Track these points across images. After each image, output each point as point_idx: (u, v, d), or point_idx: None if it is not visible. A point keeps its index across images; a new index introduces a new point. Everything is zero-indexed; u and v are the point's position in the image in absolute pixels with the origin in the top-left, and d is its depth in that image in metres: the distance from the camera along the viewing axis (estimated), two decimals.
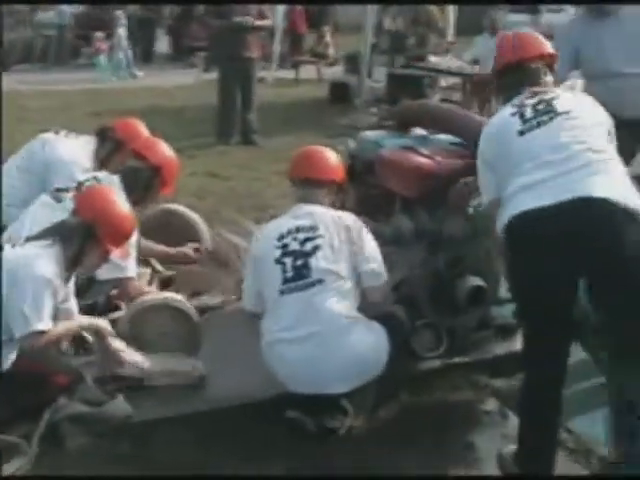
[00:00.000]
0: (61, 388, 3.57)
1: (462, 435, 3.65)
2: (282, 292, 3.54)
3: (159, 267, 4.92)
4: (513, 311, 3.98)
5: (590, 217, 2.97)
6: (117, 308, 4.32)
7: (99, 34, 19.15)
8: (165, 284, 4.80)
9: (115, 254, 3.88)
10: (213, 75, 12.07)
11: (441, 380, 3.99)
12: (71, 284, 3.77)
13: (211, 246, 5.22)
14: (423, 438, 3.58)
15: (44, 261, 3.49)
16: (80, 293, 4.17)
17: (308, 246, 3.56)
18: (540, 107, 3.21)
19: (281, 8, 15.23)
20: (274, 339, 3.55)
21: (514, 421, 3.56)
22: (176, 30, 22.76)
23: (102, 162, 4.99)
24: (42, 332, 3.42)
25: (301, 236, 3.60)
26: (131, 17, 21.01)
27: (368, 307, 3.64)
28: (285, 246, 3.59)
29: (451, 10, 14.51)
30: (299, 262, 3.54)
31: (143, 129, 5.13)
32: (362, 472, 3.37)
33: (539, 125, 3.15)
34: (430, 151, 4.20)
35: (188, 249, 4.97)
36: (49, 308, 3.46)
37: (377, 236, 3.82)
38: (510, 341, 4.19)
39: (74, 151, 5.00)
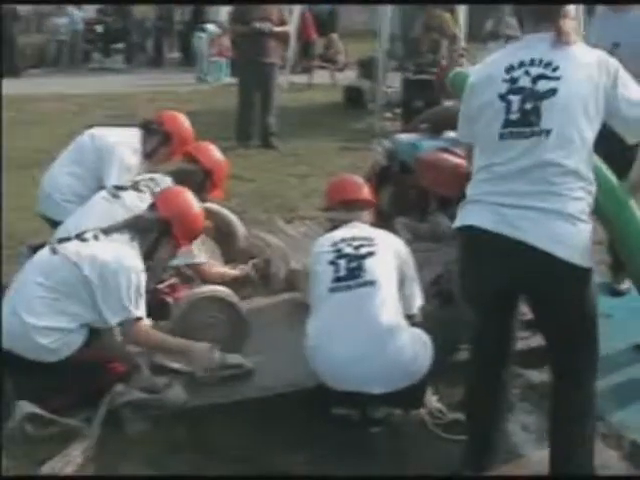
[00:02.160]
0: (119, 375, 3.73)
1: None
2: (332, 290, 3.60)
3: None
4: None
5: (530, 269, 2.95)
6: (163, 302, 4.45)
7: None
8: None
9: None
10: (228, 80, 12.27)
11: None
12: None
13: (246, 244, 5.37)
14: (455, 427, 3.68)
15: (134, 253, 3.78)
16: None
17: (363, 250, 3.65)
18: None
19: (296, 14, 15.40)
20: (320, 336, 3.60)
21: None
22: (186, 36, 22.92)
23: (149, 154, 5.15)
24: (139, 318, 3.72)
25: (356, 243, 3.70)
26: (144, 23, 21.23)
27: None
28: (339, 250, 3.68)
29: (462, 15, 14.68)
30: (353, 264, 3.61)
31: (187, 122, 5.31)
32: (400, 459, 3.49)
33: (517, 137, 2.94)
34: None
35: (249, 269, 5.03)
36: (143, 297, 3.74)
37: (413, 233, 3.98)
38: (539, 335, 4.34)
39: (122, 137, 5.14)
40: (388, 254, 3.69)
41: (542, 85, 2.88)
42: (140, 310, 3.73)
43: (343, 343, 3.51)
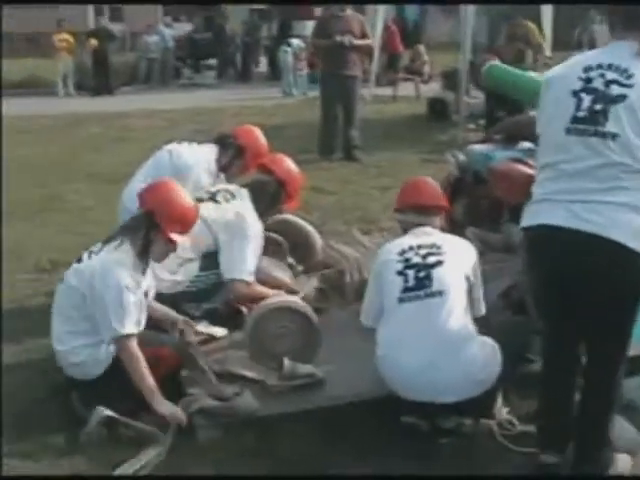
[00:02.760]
0: (171, 366, 3.84)
1: None
2: (401, 300, 3.62)
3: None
4: None
5: (603, 261, 3.01)
6: (239, 312, 4.53)
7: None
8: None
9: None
10: (313, 94, 12.40)
11: None
12: (149, 273, 4.01)
13: (322, 255, 5.43)
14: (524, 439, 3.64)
15: (117, 268, 3.75)
16: (206, 297, 4.47)
17: (431, 259, 3.66)
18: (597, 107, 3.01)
19: (379, 27, 15.47)
20: (389, 346, 3.63)
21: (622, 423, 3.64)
22: (273, 51, 23.26)
23: (224, 168, 5.28)
24: (128, 335, 3.71)
25: (423, 251, 3.70)
26: (234, 39, 21.66)
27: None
28: (407, 260, 3.69)
29: (547, 25, 14.53)
30: (422, 274, 3.62)
31: (261, 135, 5.41)
32: (467, 469, 3.47)
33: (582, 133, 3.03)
34: None
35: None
36: (130, 313, 3.74)
37: (485, 243, 3.96)
38: None
39: (199, 156, 5.27)
40: (456, 262, 3.70)
41: (614, 90, 2.96)
42: (127, 328, 3.71)
43: (413, 353, 3.53)
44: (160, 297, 4.20)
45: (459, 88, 12.03)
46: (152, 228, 3.89)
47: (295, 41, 19.26)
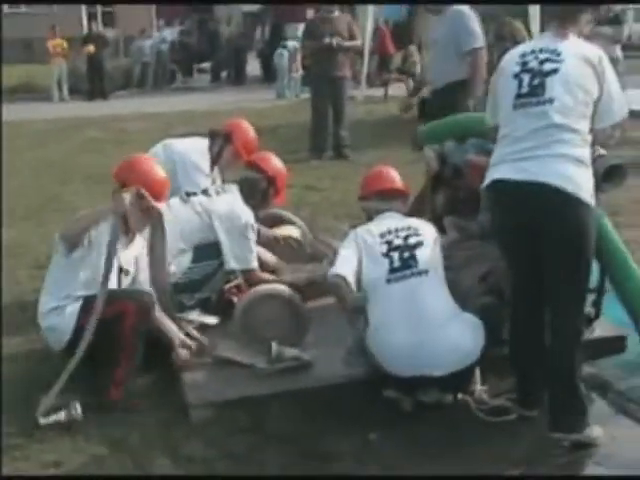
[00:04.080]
0: (135, 315, 3.98)
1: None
2: (389, 280, 3.85)
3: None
4: (592, 301, 4.44)
5: (543, 205, 3.47)
6: (230, 302, 4.72)
7: None
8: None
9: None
10: (306, 95, 12.57)
11: None
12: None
13: (310, 248, 5.62)
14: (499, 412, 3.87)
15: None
16: (198, 287, 4.68)
17: (411, 241, 3.93)
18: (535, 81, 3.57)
19: (369, 28, 15.67)
20: (380, 325, 3.83)
21: (594, 401, 4.02)
22: (266, 53, 23.44)
23: (215, 157, 5.57)
24: None
25: (402, 233, 3.97)
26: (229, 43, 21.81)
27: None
28: (389, 242, 3.94)
29: (534, 23, 14.71)
30: (406, 254, 3.88)
31: (247, 124, 5.74)
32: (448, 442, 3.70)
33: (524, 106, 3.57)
34: None
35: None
36: None
37: (464, 232, 4.18)
38: (590, 330, 4.49)
39: (190, 146, 5.61)
40: (432, 242, 3.98)
41: (547, 66, 3.54)
42: None
43: (403, 331, 3.75)
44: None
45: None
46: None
47: (291, 43, 19.46)
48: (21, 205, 8.18)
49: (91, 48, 20.12)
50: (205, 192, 5.07)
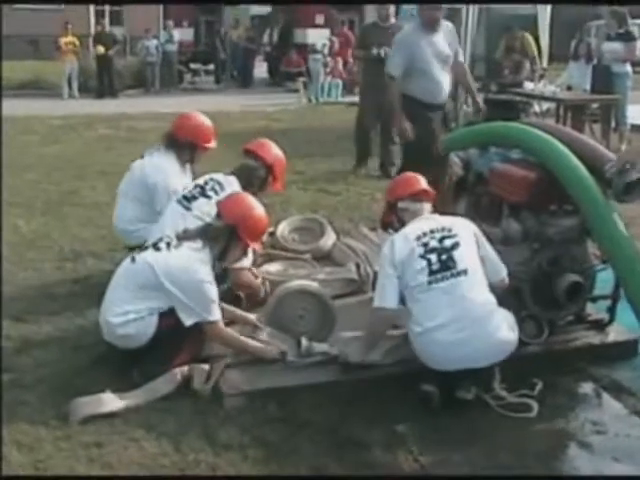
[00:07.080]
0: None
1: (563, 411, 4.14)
2: (430, 282, 4.02)
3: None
4: (607, 306, 4.69)
5: None
6: (238, 298, 4.86)
7: None
8: None
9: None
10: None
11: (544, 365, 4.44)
12: None
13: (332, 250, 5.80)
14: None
15: (203, 266, 4.20)
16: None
17: (447, 243, 4.10)
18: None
19: None
20: (426, 326, 4.00)
21: (609, 402, 4.21)
22: (274, 57, 23.60)
23: (190, 162, 5.60)
24: (213, 322, 4.19)
25: (437, 235, 4.13)
26: (235, 45, 21.93)
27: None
28: (425, 245, 4.10)
29: (543, 37, 14.95)
30: (443, 256, 4.05)
31: (202, 117, 5.69)
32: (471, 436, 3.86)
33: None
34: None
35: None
36: (215, 302, 4.21)
37: (487, 237, 4.36)
38: (603, 334, 4.74)
39: (160, 166, 5.47)
40: (468, 241, 4.15)
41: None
42: (213, 315, 4.18)
43: (450, 329, 3.95)
44: None
45: (458, 97, 12.41)
46: (233, 238, 4.36)
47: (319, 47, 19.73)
48: (40, 199, 8.30)
49: (101, 48, 20.27)
50: (203, 192, 5.06)
